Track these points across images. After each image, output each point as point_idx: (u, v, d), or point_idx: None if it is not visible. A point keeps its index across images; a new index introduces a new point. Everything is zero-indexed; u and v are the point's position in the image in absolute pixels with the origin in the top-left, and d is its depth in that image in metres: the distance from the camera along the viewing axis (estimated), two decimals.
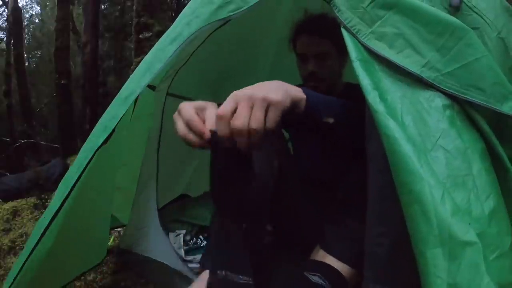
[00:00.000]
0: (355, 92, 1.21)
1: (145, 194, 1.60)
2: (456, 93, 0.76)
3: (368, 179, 0.79)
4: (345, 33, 0.84)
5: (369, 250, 0.77)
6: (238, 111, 0.65)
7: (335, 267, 0.90)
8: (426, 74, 0.77)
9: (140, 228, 1.57)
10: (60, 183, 1.13)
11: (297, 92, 0.75)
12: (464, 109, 0.78)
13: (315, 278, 0.86)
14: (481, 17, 0.86)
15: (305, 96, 0.76)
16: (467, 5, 0.85)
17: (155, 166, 1.63)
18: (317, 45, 1.20)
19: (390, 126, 0.71)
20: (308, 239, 1.03)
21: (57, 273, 1.28)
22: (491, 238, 0.66)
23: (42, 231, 1.04)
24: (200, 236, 1.65)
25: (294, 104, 0.73)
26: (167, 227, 1.60)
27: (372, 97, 0.74)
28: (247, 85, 0.71)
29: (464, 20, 0.83)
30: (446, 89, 0.76)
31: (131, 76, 1.16)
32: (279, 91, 0.69)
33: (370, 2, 0.83)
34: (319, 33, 1.19)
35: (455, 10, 0.84)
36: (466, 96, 0.76)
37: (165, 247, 1.46)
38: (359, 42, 0.82)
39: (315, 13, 1.24)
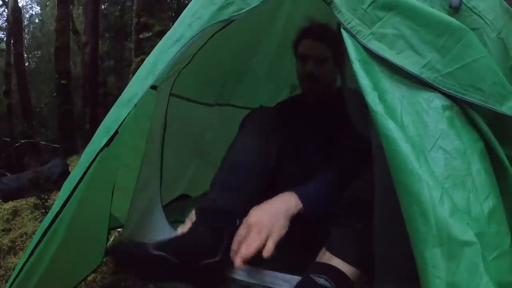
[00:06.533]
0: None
1: (146, 193, 1.59)
2: (456, 93, 0.76)
3: (374, 180, 0.81)
4: (344, 34, 0.84)
5: (380, 250, 0.78)
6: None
7: (341, 269, 0.89)
8: (426, 75, 0.78)
9: (141, 226, 1.56)
10: (63, 185, 1.13)
11: (296, 207, 1.00)
12: (464, 109, 0.78)
13: (321, 281, 0.86)
14: (481, 17, 0.86)
15: (301, 205, 1.00)
16: (467, 6, 0.85)
17: (158, 166, 1.61)
18: (319, 49, 1.33)
19: (389, 126, 0.71)
20: (314, 241, 1.03)
21: (62, 279, 1.27)
22: (491, 238, 0.67)
23: (42, 233, 1.03)
24: None
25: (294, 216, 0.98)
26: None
27: (372, 98, 0.75)
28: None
29: (464, 21, 0.83)
30: (446, 89, 0.77)
31: (133, 77, 1.16)
32: (280, 218, 0.96)
33: (370, 4, 0.84)
34: (322, 39, 1.33)
35: (454, 11, 0.84)
36: (465, 97, 0.77)
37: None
38: (359, 43, 0.82)
39: (321, 21, 1.38)
